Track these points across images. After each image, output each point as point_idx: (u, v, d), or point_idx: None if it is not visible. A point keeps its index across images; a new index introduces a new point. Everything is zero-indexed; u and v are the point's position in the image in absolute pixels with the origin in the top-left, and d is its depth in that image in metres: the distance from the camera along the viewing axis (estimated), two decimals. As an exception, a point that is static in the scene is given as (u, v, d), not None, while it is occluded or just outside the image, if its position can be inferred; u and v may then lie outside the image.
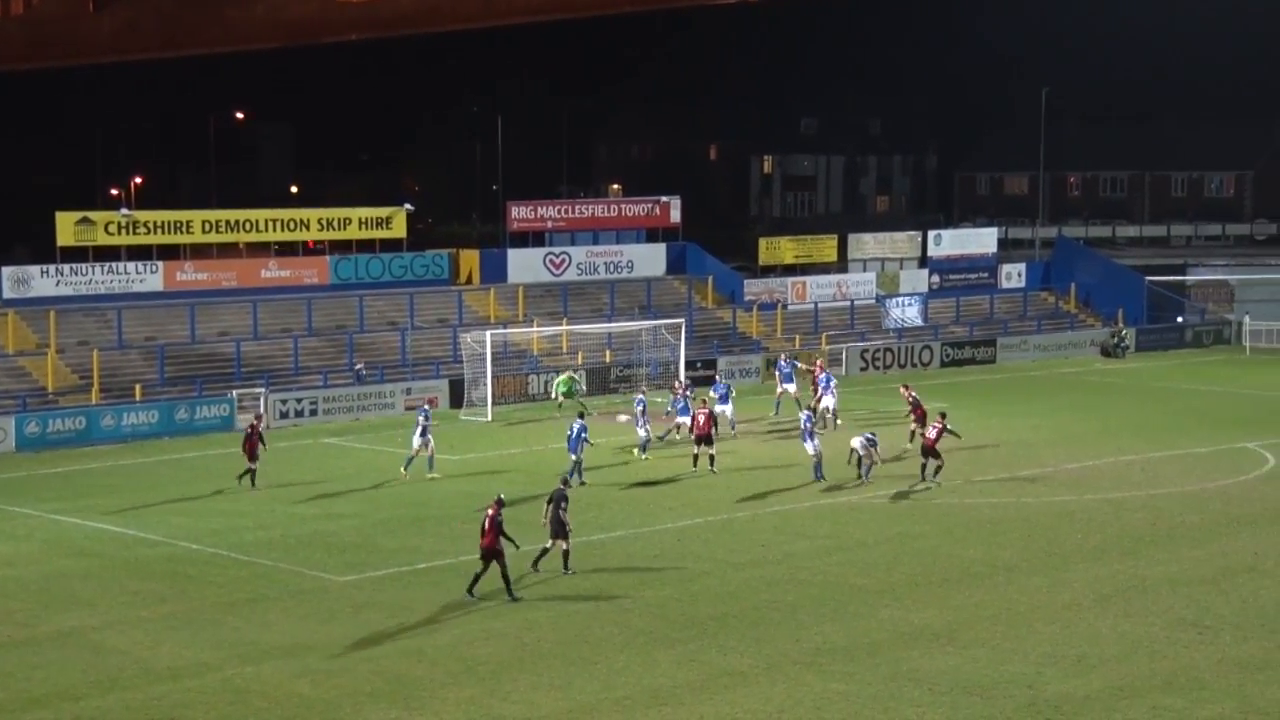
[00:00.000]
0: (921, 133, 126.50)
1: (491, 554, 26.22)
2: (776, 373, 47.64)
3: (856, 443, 36.27)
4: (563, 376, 47.94)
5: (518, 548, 26.83)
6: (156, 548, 30.95)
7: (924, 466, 36.07)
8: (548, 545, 28.09)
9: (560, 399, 47.14)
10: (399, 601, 26.66)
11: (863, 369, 58.16)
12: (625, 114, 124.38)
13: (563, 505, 27.92)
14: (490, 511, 26.44)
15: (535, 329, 54.65)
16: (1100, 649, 23.67)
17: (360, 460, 40.96)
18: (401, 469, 37.60)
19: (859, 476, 36.13)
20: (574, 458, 36.10)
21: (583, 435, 36.36)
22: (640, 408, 40.33)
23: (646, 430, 39.90)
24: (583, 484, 35.55)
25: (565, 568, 28.00)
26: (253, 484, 36.41)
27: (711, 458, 37.88)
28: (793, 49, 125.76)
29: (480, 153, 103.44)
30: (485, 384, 48.51)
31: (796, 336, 59.86)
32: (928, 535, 31.27)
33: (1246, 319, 67.33)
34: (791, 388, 46.29)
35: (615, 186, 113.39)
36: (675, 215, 63.58)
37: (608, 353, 54.79)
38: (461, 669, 23.04)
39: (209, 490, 36.85)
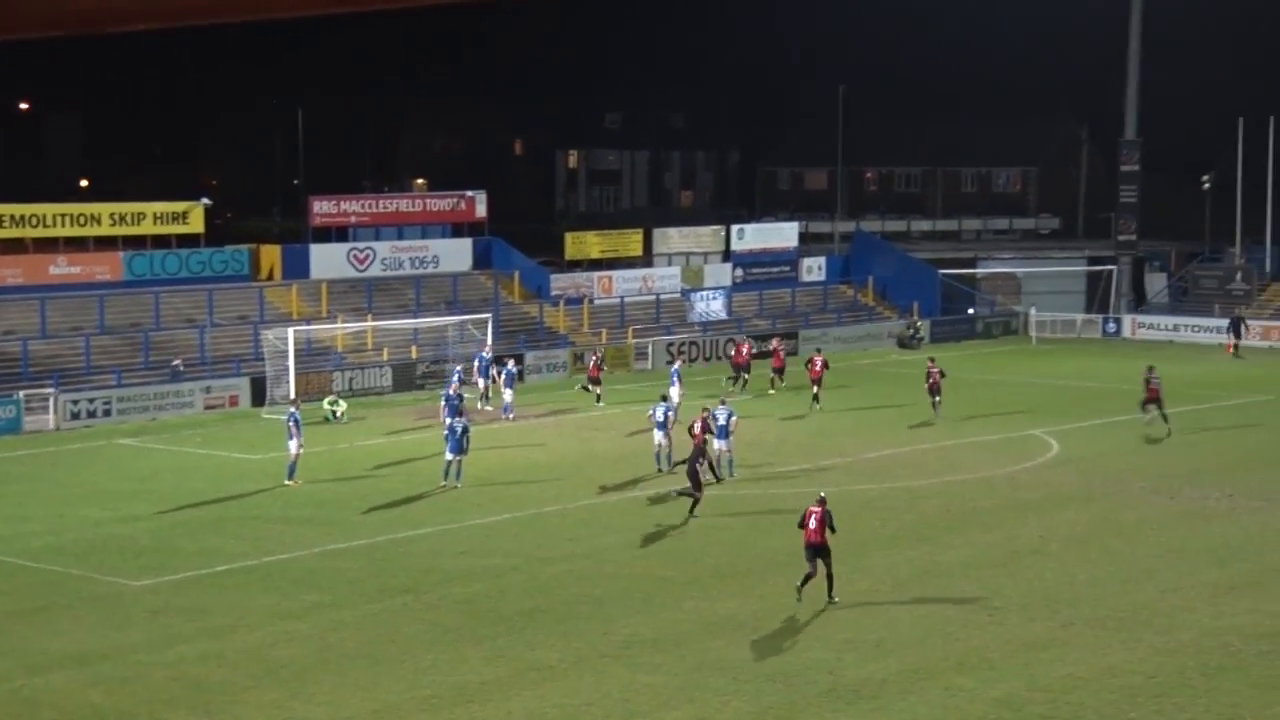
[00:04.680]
0: (724, 128, 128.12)
1: (818, 550, 25.63)
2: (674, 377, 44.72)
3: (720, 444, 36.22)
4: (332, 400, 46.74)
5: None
6: (-61, 556, 29.70)
7: (1164, 417, 41.87)
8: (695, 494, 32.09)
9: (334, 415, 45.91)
10: (198, 605, 26.06)
11: (668, 362, 58.57)
12: (429, 108, 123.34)
13: (699, 461, 32.46)
14: (817, 509, 25.76)
15: (339, 325, 53.88)
16: (897, 633, 24.35)
17: (157, 461, 39.89)
18: (287, 480, 35.81)
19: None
20: (456, 458, 35.30)
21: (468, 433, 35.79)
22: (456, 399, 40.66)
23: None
24: (457, 486, 35.14)
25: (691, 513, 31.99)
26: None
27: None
28: (596, 44, 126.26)
29: (280, 147, 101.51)
30: (288, 382, 47.67)
31: (603, 330, 60.17)
32: (733, 526, 31.75)
33: (1033, 310, 69.89)
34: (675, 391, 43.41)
35: (420, 181, 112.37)
36: (481, 210, 63.28)
37: (414, 348, 54.34)
38: (263, 672, 22.63)
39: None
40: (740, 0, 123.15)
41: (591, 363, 50.24)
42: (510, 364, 47.34)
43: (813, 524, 25.78)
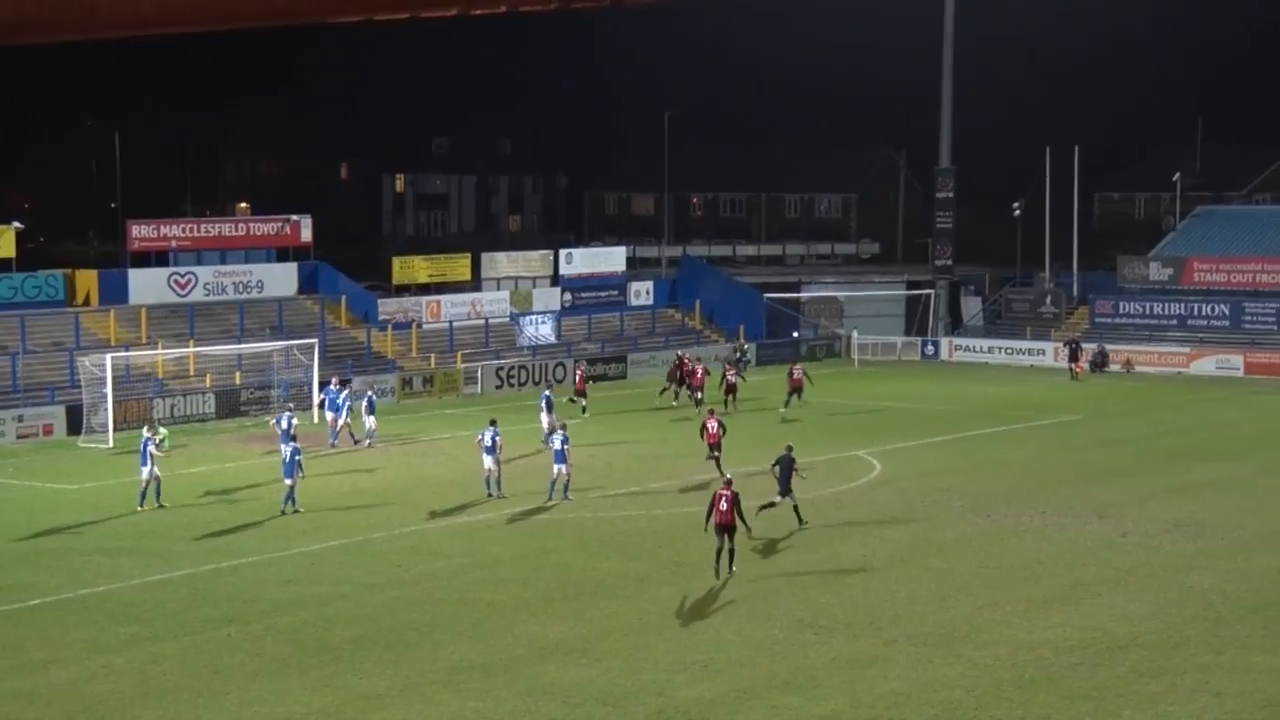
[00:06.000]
0: (551, 153, 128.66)
1: (726, 529, 28.72)
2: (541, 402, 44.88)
3: (489, 461, 36.64)
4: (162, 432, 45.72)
5: (750, 533, 29.69)
6: None
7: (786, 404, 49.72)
8: (775, 500, 33.07)
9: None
10: (9, 641, 25.20)
11: (498, 387, 58.64)
12: (252, 131, 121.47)
13: (794, 467, 33.41)
14: (726, 491, 28.95)
15: (160, 352, 52.68)
16: (725, 653, 24.66)
17: (-34, 494, 38.46)
18: (140, 506, 35.14)
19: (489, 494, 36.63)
20: (288, 482, 35.00)
21: (297, 458, 35.16)
22: (286, 424, 39.97)
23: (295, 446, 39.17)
24: (296, 511, 34.70)
25: (799, 520, 33.20)
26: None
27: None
28: (422, 68, 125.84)
29: (97, 169, 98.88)
30: (106, 410, 46.44)
31: (432, 355, 59.84)
32: (562, 550, 31.83)
33: (855, 333, 71.45)
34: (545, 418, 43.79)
35: (243, 205, 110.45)
36: (306, 234, 62.46)
37: (238, 375, 53.37)
38: (79, 708, 22.00)
39: None
40: (563, 28, 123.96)
41: (577, 376, 52.95)
42: (370, 392, 47.18)
43: (724, 505, 28.81)
